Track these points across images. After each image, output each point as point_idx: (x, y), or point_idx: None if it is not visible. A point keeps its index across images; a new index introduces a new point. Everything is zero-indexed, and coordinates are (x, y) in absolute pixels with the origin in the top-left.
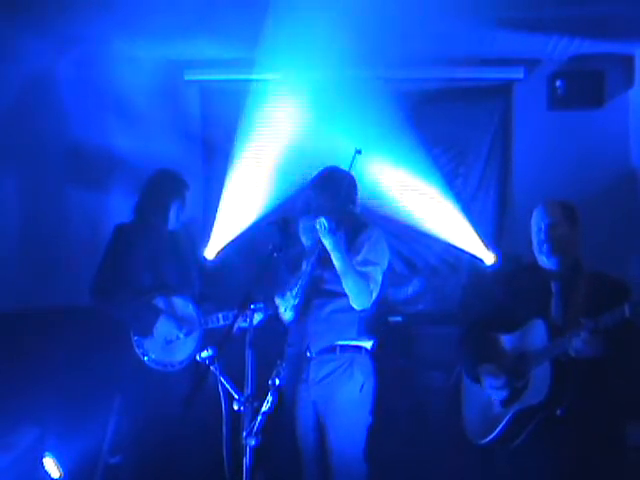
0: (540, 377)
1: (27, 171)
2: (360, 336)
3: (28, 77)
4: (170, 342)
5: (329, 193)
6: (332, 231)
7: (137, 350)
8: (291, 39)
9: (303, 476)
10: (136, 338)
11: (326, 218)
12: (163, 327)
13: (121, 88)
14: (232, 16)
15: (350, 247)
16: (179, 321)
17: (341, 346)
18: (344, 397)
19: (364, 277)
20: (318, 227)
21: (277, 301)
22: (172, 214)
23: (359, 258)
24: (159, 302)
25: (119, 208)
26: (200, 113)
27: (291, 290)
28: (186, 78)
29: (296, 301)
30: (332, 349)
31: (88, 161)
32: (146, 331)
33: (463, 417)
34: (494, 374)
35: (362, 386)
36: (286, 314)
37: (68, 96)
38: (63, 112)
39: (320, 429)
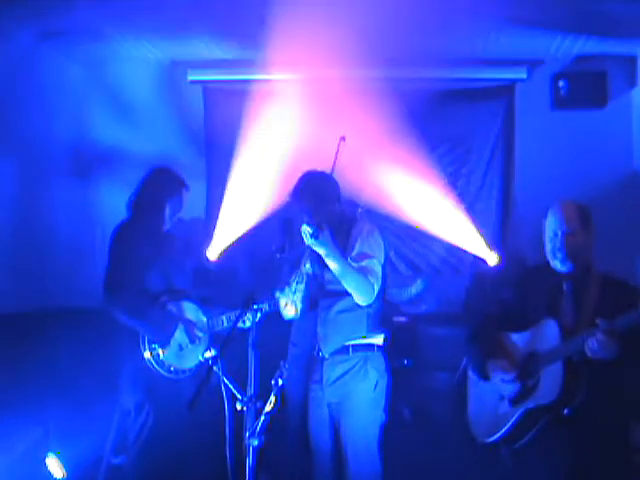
0: (552, 377)
1: (30, 172)
2: (370, 332)
3: (30, 78)
4: (183, 349)
5: (311, 199)
6: (315, 235)
7: (151, 357)
8: (293, 39)
9: (315, 476)
10: (153, 346)
11: (307, 224)
12: (180, 335)
13: (125, 88)
14: (235, 17)
15: (344, 244)
16: (194, 328)
17: (353, 346)
18: (359, 397)
19: (362, 271)
20: (303, 235)
21: (277, 295)
22: (168, 213)
23: (353, 253)
24: (172, 308)
25: (120, 208)
26: (203, 113)
27: (289, 285)
28: (189, 78)
29: (296, 296)
30: (344, 349)
31: (90, 161)
32: (165, 340)
33: (468, 415)
34: (504, 369)
35: (376, 384)
36: (287, 310)
37: (70, 95)
38: (67, 113)
39: (335, 429)
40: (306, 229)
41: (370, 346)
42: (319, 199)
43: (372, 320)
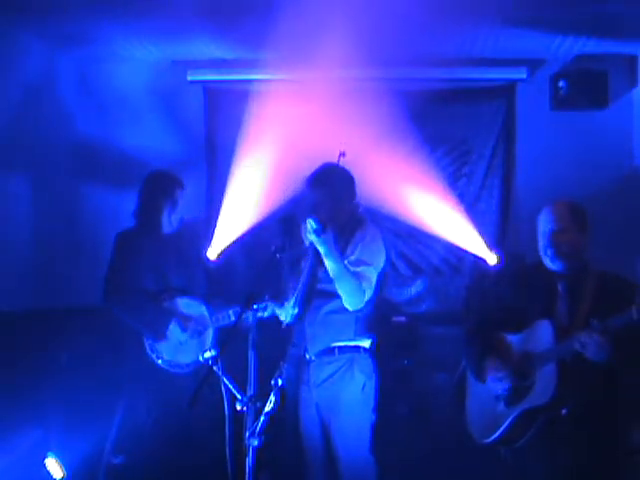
0: (546, 378)
1: (33, 172)
2: (357, 336)
3: (32, 79)
4: (183, 343)
5: (326, 190)
6: (318, 231)
7: (151, 354)
8: (293, 39)
9: (307, 476)
10: (150, 342)
11: (314, 219)
12: (176, 329)
13: (125, 89)
14: (235, 17)
15: (345, 246)
16: (190, 322)
17: (339, 347)
18: (346, 399)
19: (356, 277)
20: (308, 227)
21: (276, 311)
22: (165, 216)
23: (352, 258)
24: (169, 305)
25: (124, 209)
26: (204, 113)
27: (288, 300)
28: (189, 78)
29: (295, 310)
30: (331, 351)
31: (93, 162)
32: (160, 335)
33: (466, 416)
34: (496, 366)
35: (364, 386)
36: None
37: (73, 97)
38: (68, 113)
39: (324, 430)
40: (311, 224)
41: (356, 348)
42: (334, 193)
43: (360, 324)
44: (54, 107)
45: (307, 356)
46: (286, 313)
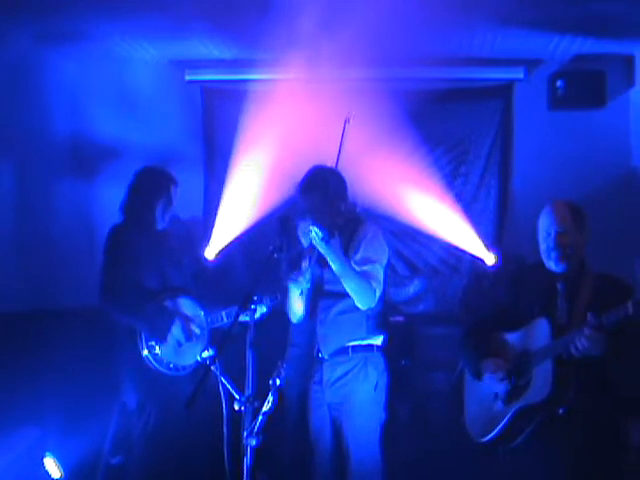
0: (542, 375)
1: (25, 169)
2: (370, 334)
3: (29, 77)
4: (182, 345)
5: (317, 193)
6: (326, 239)
7: (148, 355)
8: (292, 39)
9: (316, 476)
10: (150, 343)
11: (318, 226)
12: (176, 330)
13: (123, 88)
14: (233, 17)
15: (347, 247)
16: (191, 323)
17: (353, 347)
18: (360, 397)
19: (365, 276)
20: (312, 236)
21: (290, 285)
22: (159, 212)
23: (357, 257)
24: (171, 305)
25: (117, 207)
26: (201, 113)
27: (303, 274)
28: (187, 78)
29: (308, 284)
30: (344, 350)
31: (88, 161)
32: (162, 335)
33: (464, 415)
34: (495, 367)
35: (376, 384)
36: (297, 310)
37: (70, 95)
38: (65, 112)
39: (335, 430)
40: (316, 231)
41: (370, 347)
42: (325, 195)
43: (372, 322)
44: (51, 107)
45: (320, 356)
46: (300, 287)
